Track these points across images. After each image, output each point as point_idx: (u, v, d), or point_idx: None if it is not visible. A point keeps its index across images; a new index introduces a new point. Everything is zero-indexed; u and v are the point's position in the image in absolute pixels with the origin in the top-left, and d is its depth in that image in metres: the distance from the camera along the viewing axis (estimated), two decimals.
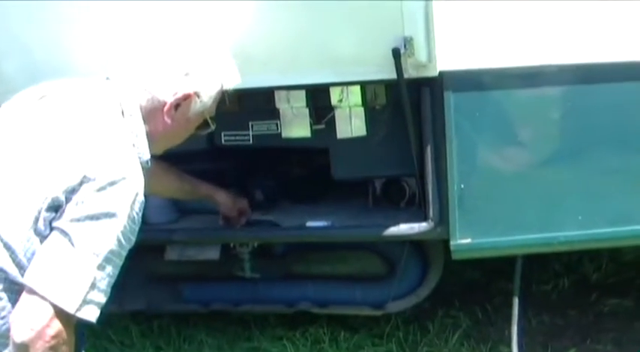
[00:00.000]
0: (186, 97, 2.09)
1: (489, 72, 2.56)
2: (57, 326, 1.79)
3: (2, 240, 1.82)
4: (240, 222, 2.95)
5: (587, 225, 2.68)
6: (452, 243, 2.69)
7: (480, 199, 2.67)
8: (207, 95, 2.14)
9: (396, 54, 2.44)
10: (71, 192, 1.82)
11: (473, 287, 3.76)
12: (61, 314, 1.79)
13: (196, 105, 2.12)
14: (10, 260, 1.82)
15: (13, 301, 1.82)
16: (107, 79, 2.12)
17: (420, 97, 2.62)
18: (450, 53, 2.53)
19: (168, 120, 2.09)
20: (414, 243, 2.99)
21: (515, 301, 2.92)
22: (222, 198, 2.91)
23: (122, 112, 2.03)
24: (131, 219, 1.87)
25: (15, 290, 1.82)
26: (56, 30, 2.67)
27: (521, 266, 2.96)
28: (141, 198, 1.91)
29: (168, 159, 2.43)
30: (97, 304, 1.84)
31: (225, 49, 2.21)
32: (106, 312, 1.88)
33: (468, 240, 2.69)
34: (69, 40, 2.67)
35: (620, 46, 2.55)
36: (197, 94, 2.11)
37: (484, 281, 3.78)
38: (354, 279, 3.15)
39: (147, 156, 2.05)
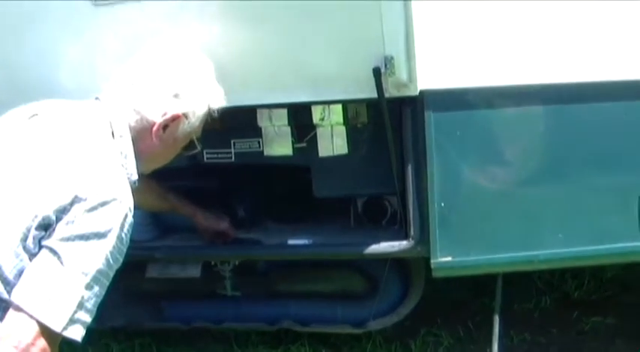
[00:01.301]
0: (175, 118, 2.12)
1: (469, 91, 2.58)
2: (42, 344, 1.79)
3: None
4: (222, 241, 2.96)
5: (567, 243, 2.69)
6: (432, 261, 2.70)
7: (461, 217, 2.69)
8: (195, 116, 2.16)
9: (377, 73, 2.46)
10: (62, 212, 1.83)
11: (455, 305, 3.75)
12: (46, 332, 1.80)
13: (184, 126, 2.15)
14: None
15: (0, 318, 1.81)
16: (97, 99, 2.14)
17: (401, 116, 2.64)
18: (431, 72, 2.55)
19: (156, 141, 2.11)
20: (395, 261, 2.99)
21: (496, 319, 2.92)
22: (201, 221, 2.93)
23: (112, 133, 2.06)
24: (120, 239, 1.89)
25: (1, 307, 1.82)
26: (41, 45, 2.67)
27: (502, 284, 2.97)
28: (130, 219, 1.92)
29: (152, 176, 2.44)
30: (83, 323, 1.85)
31: (211, 69, 2.23)
32: (86, 330, 1.87)
33: (449, 258, 2.70)
34: (53, 56, 2.68)
35: (600, 66, 2.58)
36: (185, 115, 2.14)
37: (467, 299, 3.78)
38: (335, 297, 3.15)
39: (135, 176, 2.07)
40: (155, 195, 2.76)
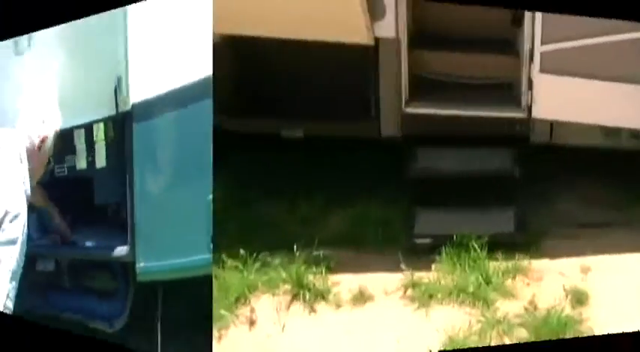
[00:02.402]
0: (44, 139, 2.82)
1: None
2: None
3: None
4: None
5: None
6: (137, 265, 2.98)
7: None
8: (53, 136, 2.86)
9: (115, 92, 2.94)
10: None
11: None
12: None
13: (49, 145, 2.85)
14: None
15: None
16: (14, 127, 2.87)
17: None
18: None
19: (35, 160, 2.80)
20: None
21: None
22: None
23: (20, 159, 2.78)
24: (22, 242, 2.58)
25: None
26: None
27: None
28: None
29: None
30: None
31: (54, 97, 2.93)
32: None
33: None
34: None
35: None
36: (49, 136, 2.84)
37: None
38: None
39: (29, 191, 2.75)
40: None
